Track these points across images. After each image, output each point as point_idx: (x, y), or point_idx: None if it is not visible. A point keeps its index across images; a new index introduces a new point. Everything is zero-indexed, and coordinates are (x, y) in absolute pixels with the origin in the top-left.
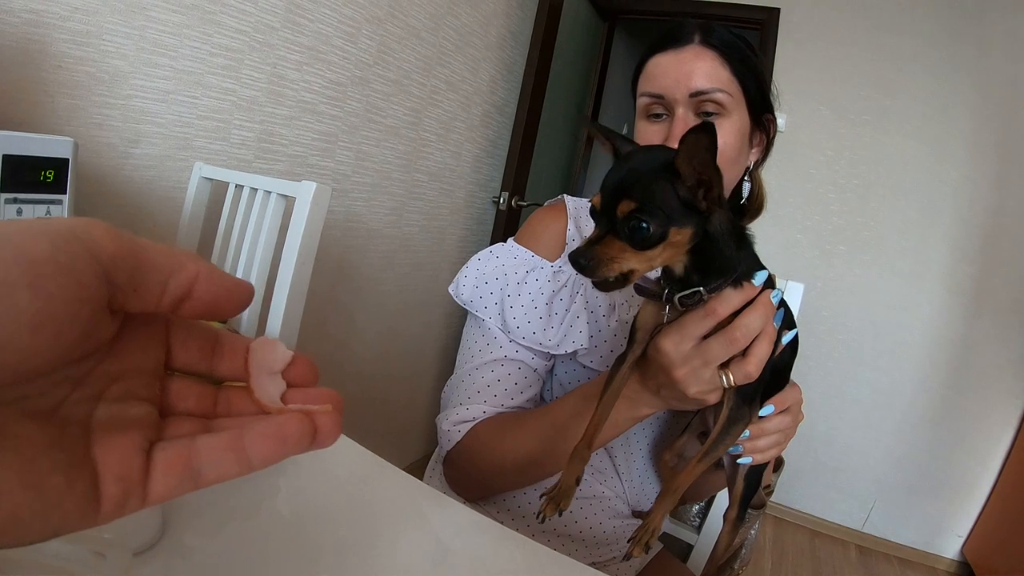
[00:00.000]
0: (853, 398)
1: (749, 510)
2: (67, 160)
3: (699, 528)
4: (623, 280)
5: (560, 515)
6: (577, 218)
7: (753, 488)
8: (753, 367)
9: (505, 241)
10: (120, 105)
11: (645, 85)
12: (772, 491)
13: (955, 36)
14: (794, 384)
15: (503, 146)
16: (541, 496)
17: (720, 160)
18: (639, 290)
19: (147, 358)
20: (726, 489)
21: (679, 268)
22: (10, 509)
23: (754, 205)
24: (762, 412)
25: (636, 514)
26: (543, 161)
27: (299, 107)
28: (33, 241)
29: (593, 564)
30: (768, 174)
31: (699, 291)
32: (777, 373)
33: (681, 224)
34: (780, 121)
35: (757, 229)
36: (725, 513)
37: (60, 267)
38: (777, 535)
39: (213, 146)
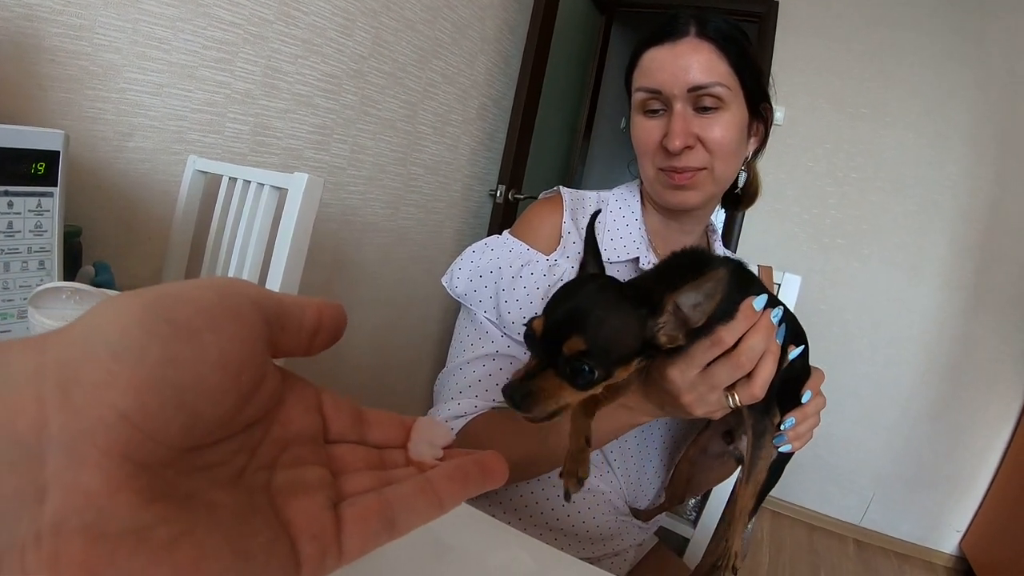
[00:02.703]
0: (851, 392)
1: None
2: (58, 152)
3: (695, 522)
4: (554, 415)
5: (582, 485)
6: (573, 210)
7: (775, 479)
8: (758, 388)
9: (500, 234)
10: (113, 98)
11: (641, 80)
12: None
13: (955, 30)
14: (817, 368)
15: (500, 139)
16: (560, 475)
17: (721, 155)
18: None
19: (308, 425)
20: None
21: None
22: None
23: (748, 193)
24: (803, 399)
25: (634, 512)
26: (540, 154)
27: (294, 100)
28: (201, 293)
29: (588, 560)
30: (766, 167)
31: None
32: (791, 382)
33: (629, 361)
34: (778, 114)
35: (755, 222)
36: (737, 505)
37: (229, 311)
38: (775, 529)
39: (207, 139)
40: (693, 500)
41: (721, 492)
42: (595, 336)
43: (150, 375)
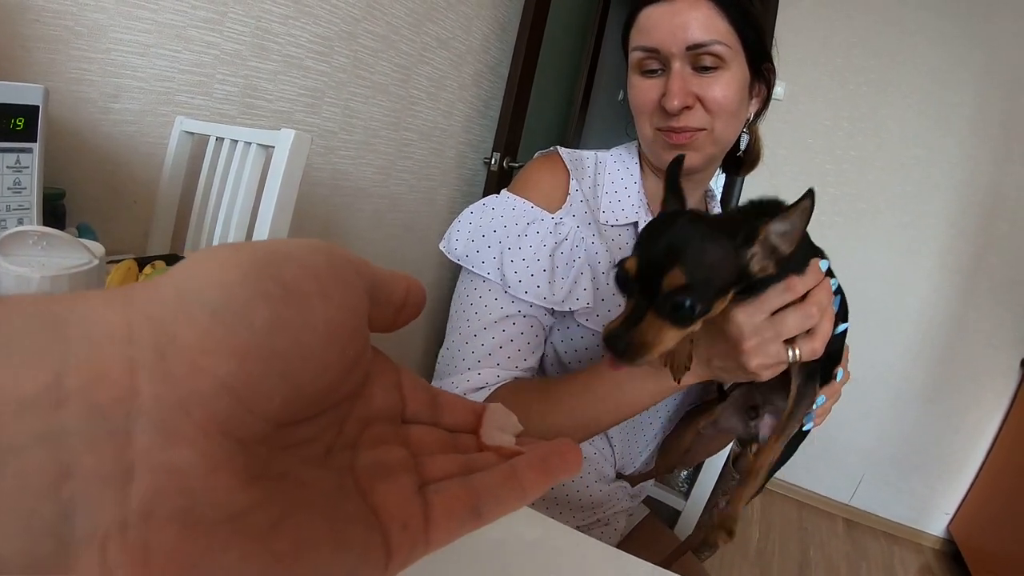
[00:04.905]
0: None
1: (738, 477)
2: (37, 107)
3: (687, 494)
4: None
5: (688, 368)
6: (576, 169)
7: (788, 456)
8: (819, 343)
9: (499, 193)
10: (99, 59)
11: (638, 39)
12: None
13: (962, 9)
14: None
15: (495, 107)
16: (665, 364)
17: (721, 115)
18: None
19: (390, 404)
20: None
21: None
22: (322, 570)
23: (750, 157)
24: (837, 377)
25: (620, 476)
26: (536, 123)
27: (284, 62)
28: (310, 255)
29: (577, 528)
30: (764, 140)
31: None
32: (829, 358)
33: (726, 292)
34: (778, 89)
35: (751, 195)
36: (760, 458)
37: (338, 278)
38: (765, 506)
39: (195, 101)
40: (685, 472)
41: (713, 465)
42: (695, 268)
43: (255, 340)
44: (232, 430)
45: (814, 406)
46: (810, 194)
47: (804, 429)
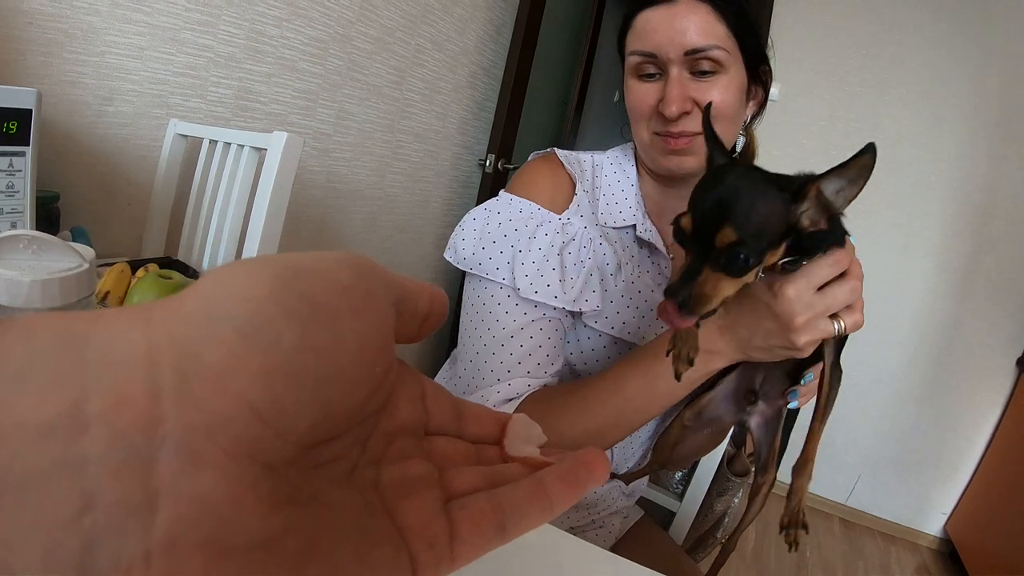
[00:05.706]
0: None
1: (733, 478)
2: (30, 111)
3: (681, 495)
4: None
5: (692, 364)
6: (577, 172)
7: (786, 440)
8: (860, 315)
9: (497, 196)
10: (93, 62)
11: (635, 43)
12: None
13: (958, 10)
14: None
15: (490, 108)
16: (667, 353)
17: (720, 119)
18: None
19: (413, 417)
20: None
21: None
22: None
23: (745, 159)
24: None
25: (614, 475)
26: (531, 124)
27: (278, 64)
28: (337, 268)
29: (571, 529)
30: (758, 141)
31: (800, 260)
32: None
33: (778, 245)
34: (774, 91)
35: None
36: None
37: (366, 293)
38: None
39: (189, 103)
40: (679, 474)
41: (708, 465)
42: (745, 224)
43: (283, 360)
44: (259, 454)
45: (803, 382)
46: (870, 148)
47: (790, 407)
